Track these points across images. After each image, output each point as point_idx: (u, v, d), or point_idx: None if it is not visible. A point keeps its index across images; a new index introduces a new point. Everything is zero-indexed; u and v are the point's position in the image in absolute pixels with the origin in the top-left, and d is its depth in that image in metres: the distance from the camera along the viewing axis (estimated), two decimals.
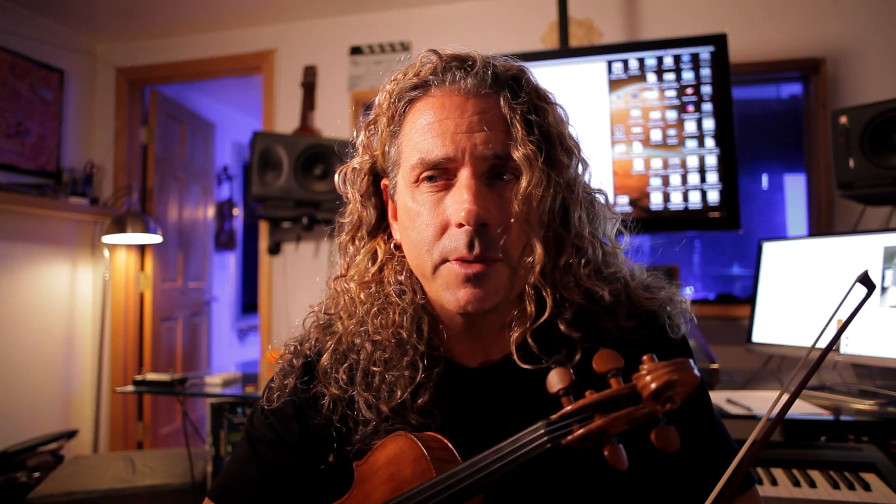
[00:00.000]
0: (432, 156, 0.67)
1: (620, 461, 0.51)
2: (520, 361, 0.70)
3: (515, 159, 0.67)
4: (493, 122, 0.68)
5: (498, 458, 0.56)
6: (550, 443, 0.54)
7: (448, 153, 0.67)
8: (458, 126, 0.67)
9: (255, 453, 0.78)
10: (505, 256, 0.67)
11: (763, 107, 3.02)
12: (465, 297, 0.66)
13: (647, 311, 0.74)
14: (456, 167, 0.67)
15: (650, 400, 0.51)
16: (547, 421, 0.55)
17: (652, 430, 0.51)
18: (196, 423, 3.55)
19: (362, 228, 0.79)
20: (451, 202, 0.67)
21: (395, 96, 0.73)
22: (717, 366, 2.05)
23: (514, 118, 0.68)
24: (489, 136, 0.67)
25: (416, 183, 0.70)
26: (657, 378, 0.50)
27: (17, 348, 2.99)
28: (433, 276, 0.69)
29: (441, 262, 0.68)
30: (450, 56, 0.71)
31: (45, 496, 2.03)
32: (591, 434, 0.52)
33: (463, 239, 0.65)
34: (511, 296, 0.70)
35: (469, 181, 0.66)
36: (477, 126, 0.67)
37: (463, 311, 0.67)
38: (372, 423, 0.72)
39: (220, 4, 3.14)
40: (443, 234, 0.67)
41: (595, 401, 0.53)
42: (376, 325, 0.73)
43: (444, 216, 0.67)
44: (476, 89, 0.69)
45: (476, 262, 0.66)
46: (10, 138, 3.01)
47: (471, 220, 0.64)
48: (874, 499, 1.24)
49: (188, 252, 4.09)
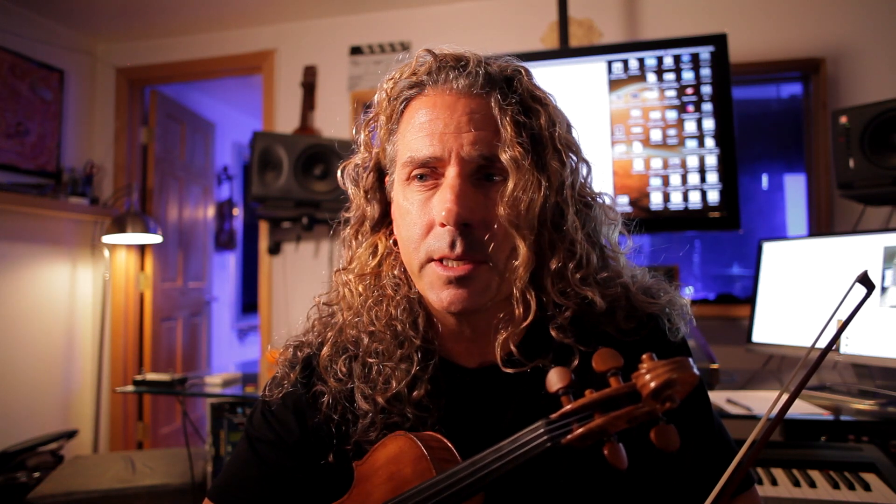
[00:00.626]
0: (420, 154, 0.68)
1: (620, 460, 0.51)
2: (503, 366, 0.70)
3: (503, 161, 0.67)
4: (483, 123, 0.68)
5: (498, 457, 0.56)
6: (550, 442, 0.54)
7: (435, 152, 0.67)
8: (447, 126, 0.67)
9: (255, 453, 0.78)
10: (488, 258, 0.67)
11: (763, 107, 3.02)
12: (447, 298, 0.67)
13: (647, 315, 0.74)
14: (443, 166, 0.68)
15: (650, 399, 0.51)
16: (547, 420, 0.55)
17: (652, 428, 0.51)
18: (196, 423, 3.55)
19: (365, 223, 0.79)
20: (436, 201, 0.67)
21: (393, 95, 0.74)
22: (717, 366, 2.05)
23: (504, 119, 0.68)
24: (477, 137, 0.67)
25: (408, 181, 0.70)
26: (657, 377, 0.50)
27: (17, 348, 2.99)
28: (420, 275, 0.70)
29: (426, 260, 0.68)
30: (444, 56, 0.72)
31: (45, 496, 2.03)
32: (590, 433, 0.52)
33: (446, 238, 0.66)
34: (499, 297, 0.70)
35: (454, 181, 0.66)
36: (465, 126, 0.67)
37: (447, 311, 0.68)
38: (369, 415, 0.72)
39: (220, 4, 3.14)
40: (429, 232, 0.68)
41: (595, 400, 0.54)
42: (371, 317, 0.74)
43: (430, 215, 0.68)
44: (468, 89, 0.69)
45: (460, 262, 0.66)
46: (10, 138, 3.01)
47: (451, 220, 0.64)
48: (874, 499, 1.23)
49: (188, 252, 4.09)
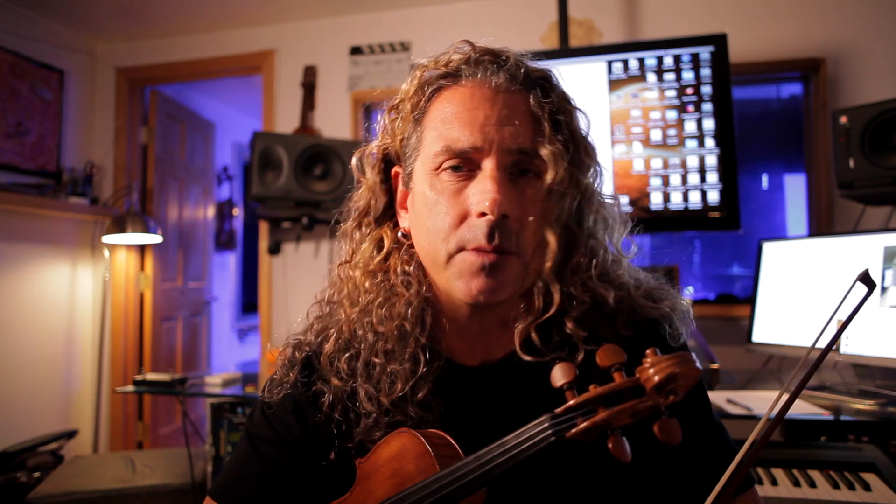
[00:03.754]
0: (459, 144, 0.67)
1: (624, 453, 0.52)
2: (523, 353, 0.70)
3: (542, 156, 0.67)
4: (523, 118, 0.68)
5: (502, 451, 0.57)
6: (555, 436, 0.54)
7: (476, 143, 0.67)
8: (488, 118, 0.67)
9: (255, 451, 0.78)
10: (519, 251, 0.67)
11: (763, 107, 3.02)
12: (477, 287, 0.66)
13: (648, 320, 0.74)
14: (481, 158, 0.67)
15: (653, 393, 0.51)
16: (551, 414, 0.55)
17: (655, 422, 0.52)
18: (196, 423, 3.54)
19: (370, 215, 0.79)
20: (473, 192, 0.67)
21: (424, 83, 0.73)
22: (717, 366, 2.05)
23: (543, 116, 0.69)
24: (518, 131, 0.67)
25: (437, 171, 0.69)
26: (660, 371, 0.51)
27: (17, 348, 2.99)
28: (446, 266, 0.68)
29: (457, 250, 0.67)
30: (483, 49, 0.72)
31: (45, 496, 2.03)
32: (594, 427, 0.53)
33: (483, 228, 0.65)
34: (519, 291, 0.70)
35: (494, 172, 0.66)
36: (506, 120, 0.67)
37: (474, 300, 0.67)
38: (373, 416, 0.72)
39: (220, 4, 3.14)
40: (461, 223, 0.67)
41: (599, 394, 0.54)
42: (380, 316, 0.73)
43: (464, 205, 0.67)
44: (507, 85, 0.69)
45: (493, 252, 0.66)
46: (10, 138, 3.01)
47: (495, 210, 0.64)
48: (874, 499, 1.24)
49: (188, 252, 4.09)
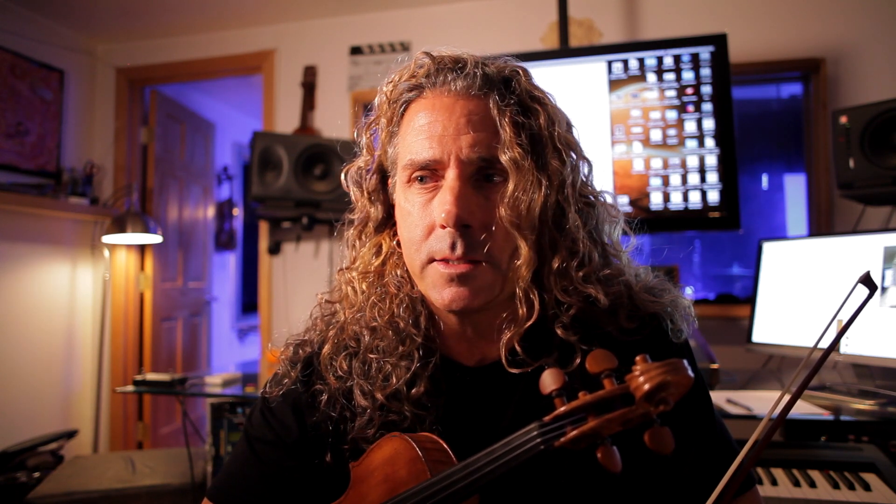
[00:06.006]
0: (420, 157, 0.68)
1: (614, 463, 0.51)
2: (507, 366, 0.70)
3: (502, 162, 0.67)
4: (481, 125, 0.68)
5: (491, 459, 0.56)
6: (543, 444, 0.54)
7: (434, 155, 0.67)
8: (446, 128, 0.68)
9: (254, 453, 0.78)
10: (489, 259, 0.67)
11: (763, 107, 3.01)
12: (449, 296, 0.67)
13: (650, 314, 0.74)
14: (443, 169, 0.68)
15: (643, 401, 0.51)
16: (540, 423, 0.55)
17: (646, 431, 0.51)
18: (196, 423, 3.55)
19: (369, 225, 0.80)
20: (436, 203, 0.68)
21: (393, 98, 0.74)
22: (717, 366, 2.05)
23: (503, 120, 0.68)
24: (476, 139, 0.67)
25: (409, 183, 0.71)
26: (650, 379, 0.50)
27: (17, 348, 2.99)
28: (421, 275, 0.70)
29: (428, 261, 0.69)
30: (442, 58, 0.72)
31: (45, 496, 2.03)
32: (584, 436, 0.52)
33: (447, 240, 0.66)
34: (501, 297, 0.70)
35: (453, 183, 0.66)
36: (464, 128, 0.67)
37: (449, 308, 0.68)
38: (367, 412, 0.72)
39: (220, 4, 3.14)
40: (430, 234, 0.68)
41: (588, 402, 0.53)
42: (374, 313, 0.75)
43: (431, 217, 0.68)
44: (466, 91, 0.69)
45: (461, 262, 0.66)
46: (10, 138, 3.02)
47: (450, 222, 0.65)
48: (874, 499, 1.23)
49: (188, 252, 4.09)
